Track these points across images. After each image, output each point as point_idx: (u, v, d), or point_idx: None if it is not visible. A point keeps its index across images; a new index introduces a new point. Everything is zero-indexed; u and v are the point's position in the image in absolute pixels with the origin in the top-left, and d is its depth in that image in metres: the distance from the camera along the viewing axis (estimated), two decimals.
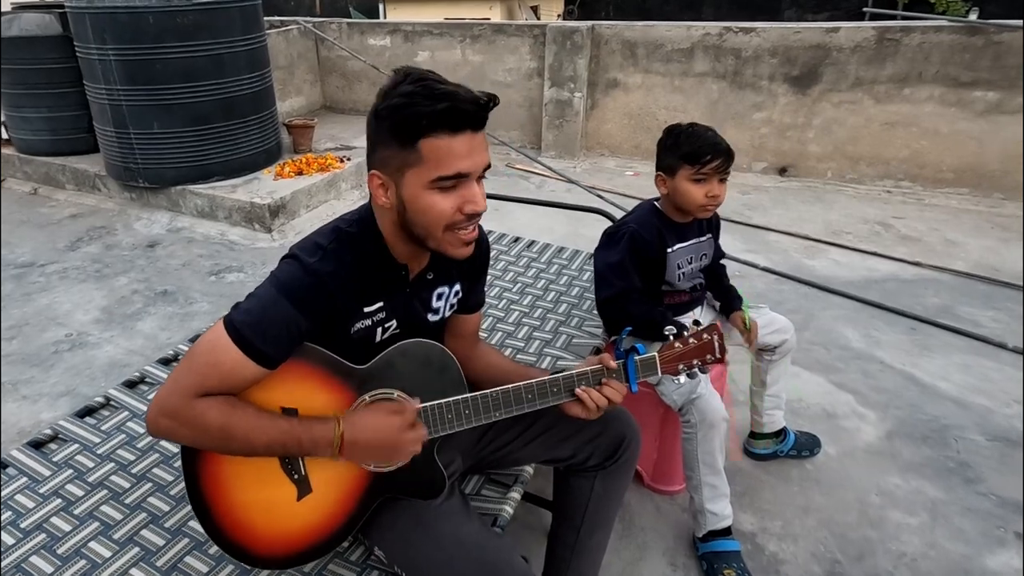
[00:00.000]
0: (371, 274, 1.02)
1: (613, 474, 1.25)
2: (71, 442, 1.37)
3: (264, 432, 0.93)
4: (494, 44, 4.86)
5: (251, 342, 0.92)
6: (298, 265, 0.96)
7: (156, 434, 0.95)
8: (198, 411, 0.92)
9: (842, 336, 2.60)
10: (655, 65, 4.48)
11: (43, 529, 1.16)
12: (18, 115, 4.22)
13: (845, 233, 3.60)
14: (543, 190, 4.37)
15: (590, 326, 1.80)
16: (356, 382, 1.02)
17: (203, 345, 0.94)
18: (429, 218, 0.95)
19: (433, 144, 0.90)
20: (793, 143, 4.34)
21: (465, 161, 0.92)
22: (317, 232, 1.03)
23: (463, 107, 0.89)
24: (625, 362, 1.11)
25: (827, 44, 4.04)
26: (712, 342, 1.17)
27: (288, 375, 0.98)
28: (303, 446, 0.96)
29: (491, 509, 1.21)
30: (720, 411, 1.53)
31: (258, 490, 1.00)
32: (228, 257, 3.39)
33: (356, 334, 1.02)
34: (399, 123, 0.90)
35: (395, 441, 0.97)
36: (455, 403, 1.04)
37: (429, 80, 0.90)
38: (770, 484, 1.87)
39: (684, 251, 1.65)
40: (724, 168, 1.52)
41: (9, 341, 2.64)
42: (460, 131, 0.90)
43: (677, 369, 1.15)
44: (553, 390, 1.08)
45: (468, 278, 1.18)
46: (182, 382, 0.93)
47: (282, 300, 0.94)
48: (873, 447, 2.02)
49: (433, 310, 1.13)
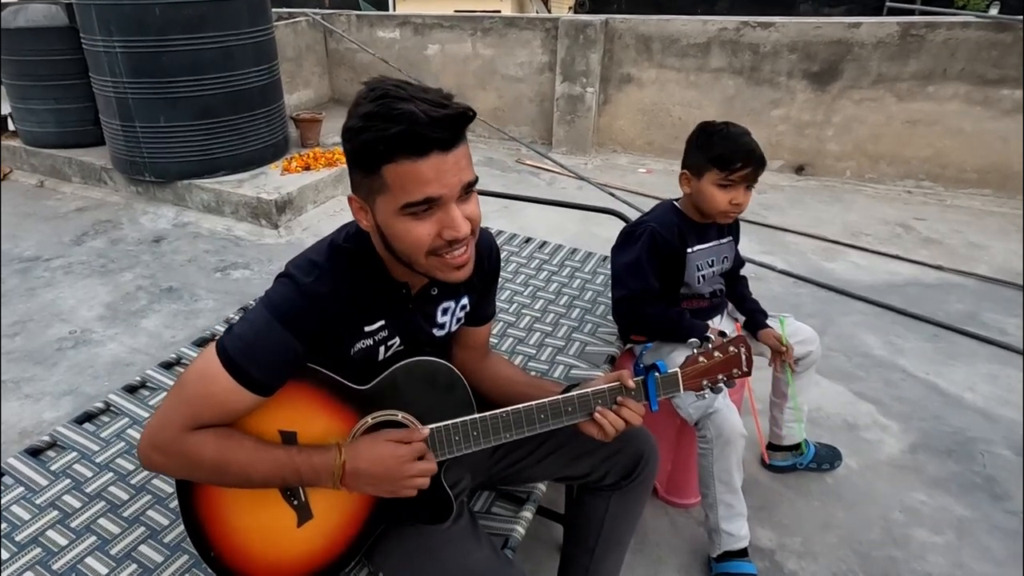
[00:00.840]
0: (371, 292, 0.96)
1: (629, 493, 1.20)
2: (69, 450, 1.33)
3: (261, 465, 0.89)
4: (505, 37, 4.79)
5: (244, 370, 0.87)
6: (292, 286, 0.91)
7: (148, 468, 0.91)
8: (191, 445, 0.87)
9: (863, 343, 2.54)
10: (670, 60, 4.40)
11: (38, 543, 1.12)
12: (24, 107, 4.20)
13: (864, 235, 3.52)
14: (554, 187, 4.31)
15: (604, 333, 1.75)
16: (358, 403, 0.97)
17: (194, 374, 0.90)
18: (407, 245, 0.87)
19: (396, 171, 0.82)
20: (811, 141, 4.26)
21: (434, 185, 0.82)
22: (313, 248, 0.97)
23: (421, 131, 0.79)
24: (645, 379, 1.06)
25: (848, 39, 3.95)
26: (739, 355, 1.11)
27: (287, 397, 0.93)
28: (303, 477, 0.91)
29: (502, 529, 1.17)
30: (738, 427, 1.48)
31: (256, 515, 0.96)
32: (234, 253, 3.35)
33: (357, 354, 0.97)
34: (358, 149, 0.84)
35: (400, 473, 0.92)
36: (463, 424, 0.99)
37: (389, 98, 0.80)
38: (789, 498, 1.82)
39: (704, 253, 1.59)
40: (753, 177, 1.47)
41: (12, 338, 2.62)
42: (424, 154, 0.81)
43: (700, 385, 1.09)
44: (568, 410, 1.02)
45: (476, 290, 1.12)
46: (173, 414, 0.88)
47: (276, 324, 0.89)
48: (896, 460, 1.96)
49: (439, 325, 1.08)
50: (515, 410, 1.00)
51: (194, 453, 0.88)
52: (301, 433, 0.96)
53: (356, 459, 0.92)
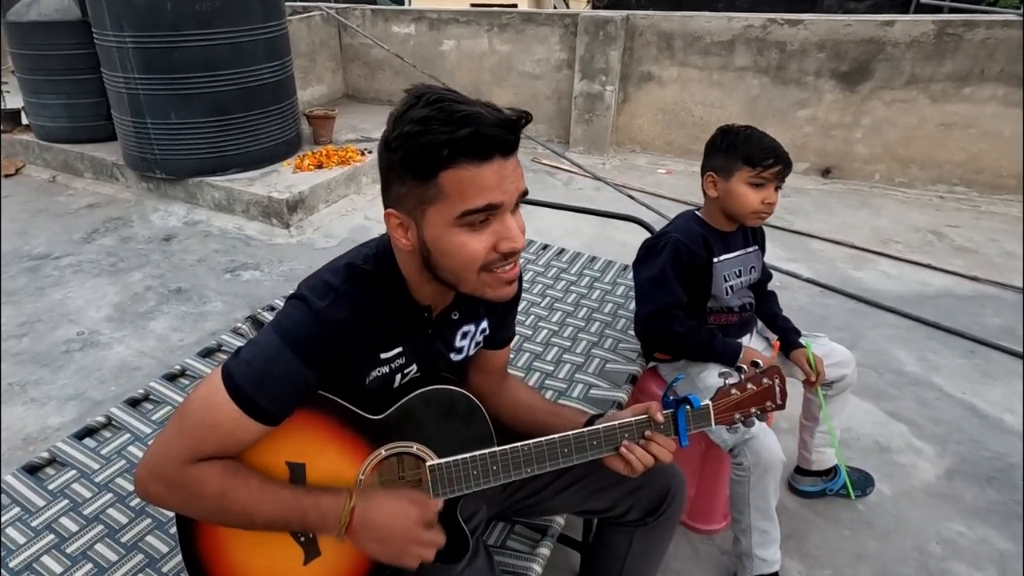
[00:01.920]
0: (390, 318, 0.91)
1: (655, 531, 1.14)
2: (68, 467, 1.30)
3: (266, 506, 0.84)
4: (522, 33, 4.72)
5: (252, 399, 0.82)
6: (306, 311, 0.85)
7: (146, 499, 0.86)
8: (192, 478, 0.83)
9: (895, 359, 2.45)
10: (692, 58, 4.30)
11: (32, 570, 1.08)
12: (37, 101, 4.20)
13: (894, 242, 3.41)
14: (570, 187, 4.23)
15: (625, 349, 1.68)
16: (372, 434, 0.92)
17: (197, 401, 0.85)
18: (458, 261, 0.83)
19: (456, 176, 0.77)
20: (839, 143, 4.14)
21: (495, 192, 0.79)
22: (328, 268, 0.92)
23: (488, 132, 0.76)
24: (675, 413, 0.99)
25: (881, 38, 3.83)
26: (773, 387, 1.06)
27: (296, 426, 0.88)
28: (308, 521, 0.86)
29: (517, 567, 1.11)
30: (776, 452, 1.41)
31: (260, 551, 0.91)
32: (244, 253, 3.32)
33: (372, 383, 0.92)
34: (414, 154, 0.78)
35: (409, 536, 0.86)
36: (480, 458, 0.93)
37: (447, 101, 0.77)
38: (818, 526, 1.74)
39: (731, 263, 1.53)
40: (783, 175, 1.42)
41: (20, 339, 2.60)
42: (487, 159, 0.78)
43: (733, 419, 1.04)
44: (593, 443, 0.97)
45: (497, 314, 1.07)
46: (175, 444, 0.84)
47: (287, 352, 0.83)
48: (932, 487, 1.87)
49: (457, 349, 1.02)
50: (537, 443, 0.95)
51: (196, 487, 0.83)
52: (310, 465, 0.91)
53: (366, 507, 0.86)
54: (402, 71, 5.16)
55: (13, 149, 4.55)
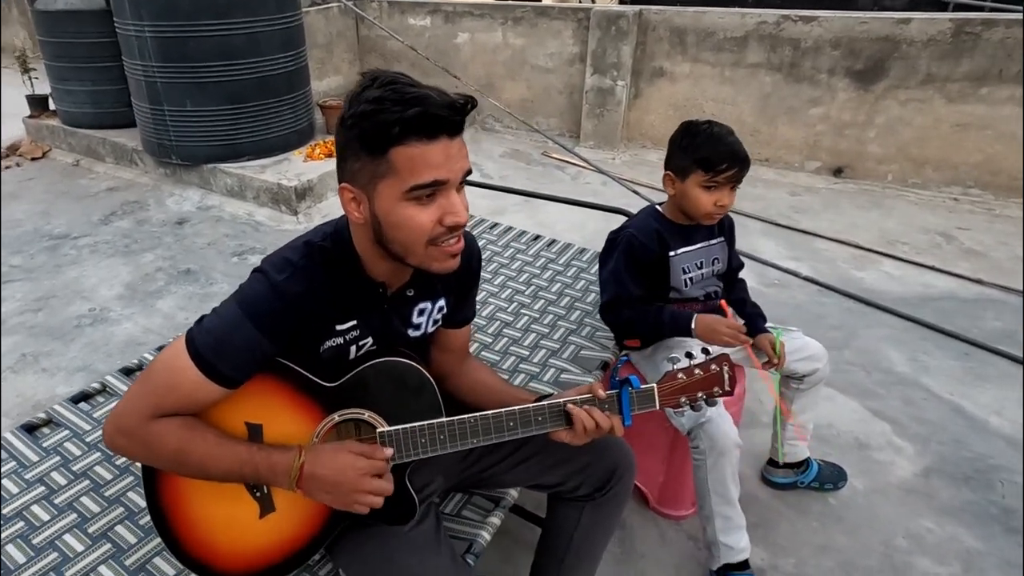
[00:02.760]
0: (345, 293, 0.98)
1: (603, 506, 1.19)
2: (63, 428, 1.40)
3: (221, 460, 0.92)
4: (536, 27, 4.76)
5: (211, 363, 0.90)
6: (266, 284, 0.93)
7: (112, 450, 0.95)
8: (154, 433, 0.90)
9: (885, 358, 2.45)
10: (705, 54, 4.31)
11: (22, 517, 1.18)
12: (63, 88, 4.37)
13: (901, 243, 3.39)
14: (578, 182, 4.27)
15: (602, 337, 1.73)
16: (326, 400, 0.99)
17: (161, 363, 0.93)
18: (407, 233, 0.89)
19: (406, 153, 0.85)
20: (851, 142, 4.11)
21: (442, 169, 0.86)
22: (289, 245, 0.99)
23: (436, 112, 0.84)
24: (618, 394, 1.04)
25: (896, 36, 3.79)
26: (721, 374, 1.09)
27: (255, 389, 0.96)
28: (260, 474, 0.93)
29: (468, 533, 1.18)
30: (731, 436, 1.45)
31: (219, 505, 0.99)
32: (253, 238, 3.44)
33: (326, 352, 0.98)
34: (368, 131, 0.85)
35: (355, 486, 0.93)
36: (428, 428, 1.00)
37: (399, 83, 0.84)
38: (787, 517, 1.78)
39: (690, 255, 1.58)
40: (738, 177, 1.45)
41: (36, 313, 2.75)
42: (434, 137, 0.85)
43: (679, 402, 1.08)
44: (537, 418, 1.02)
45: (454, 292, 1.13)
46: (139, 401, 0.92)
47: (245, 321, 0.91)
48: (907, 484, 1.89)
49: (414, 326, 1.09)
50: (483, 416, 1.01)
51: (156, 441, 0.91)
52: (267, 426, 0.98)
53: (315, 463, 0.93)
54: (417, 63, 5.23)
55: (40, 134, 4.74)
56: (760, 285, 2.97)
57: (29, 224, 3.57)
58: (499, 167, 4.51)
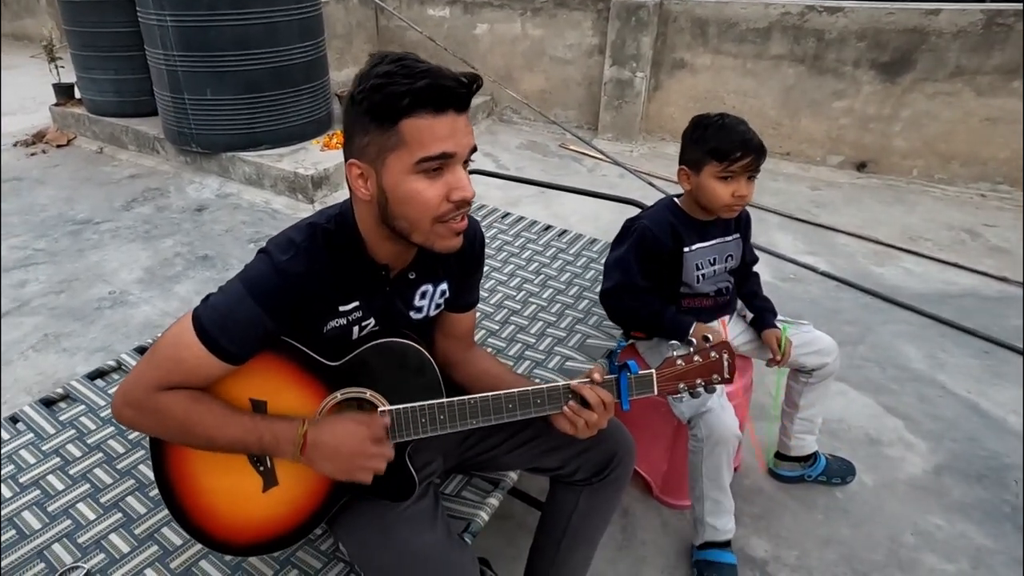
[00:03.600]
0: (347, 274, 1.00)
1: (600, 491, 1.21)
2: (79, 403, 1.45)
3: (226, 430, 0.95)
4: (555, 18, 4.76)
5: (215, 339, 0.93)
6: (269, 263, 0.95)
7: (120, 422, 0.98)
8: (161, 404, 0.94)
9: (901, 354, 2.43)
10: (726, 45, 4.27)
11: (39, 486, 1.24)
12: (87, 76, 4.48)
13: (924, 239, 3.34)
14: (594, 174, 4.27)
15: (609, 327, 1.75)
16: (329, 379, 1.02)
17: (168, 338, 0.96)
18: (414, 208, 0.91)
19: (415, 124, 0.87)
20: (876, 136, 4.05)
21: (449, 142, 0.89)
22: (294, 226, 1.02)
23: (445, 84, 0.86)
24: (617, 378, 1.06)
25: (925, 28, 3.72)
26: (720, 361, 1.09)
27: (260, 367, 0.99)
28: (264, 444, 0.96)
29: (466, 513, 1.20)
30: (731, 428, 1.46)
31: (223, 477, 1.03)
32: (269, 225, 3.50)
33: (329, 332, 1.01)
34: (378, 104, 0.87)
35: (358, 451, 0.96)
36: (429, 408, 1.02)
37: (408, 59, 0.87)
38: (792, 510, 1.78)
39: (704, 251, 1.57)
40: (754, 166, 1.44)
41: (58, 295, 2.84)
42: (443, 111, 0.88)
43: (677, 388, 1.08)
44: (536, 401, 1.04)
45: (457, 276, 1.14)
46: (146, 374, 0.95)
47: (248, 299, 0.93)
48: (917, 481, 1.88)
49: (416, 308, 1.11)
50: (483, 397, 1.03)
51: (163, 412, 0.95)
52: (271, 402, 1.02)
53: (318, 432, 0.96)
54: (436, 54, 5.25)
55: (66, 121, 4.87)
56: (775, 279, 2.95)
57: (54, 209, 3.67)
58: (515, 158, 4.52)
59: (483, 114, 5.25)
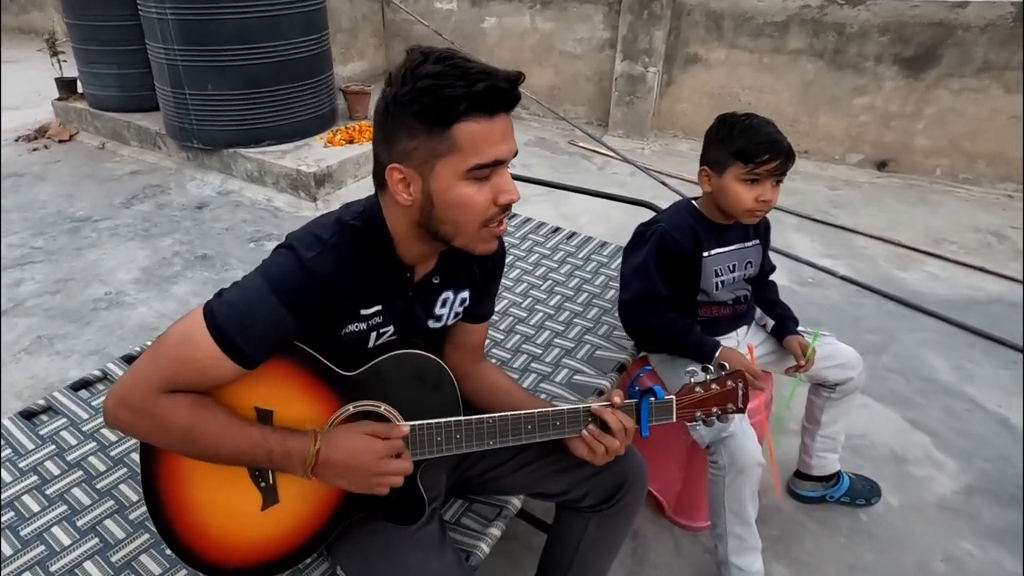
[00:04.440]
0: (373, 274, 0.95)
1: (610, 518, 1.14)
2: (60, 415, 1.39)
3: (232, 441, 0.87)
4: (565, 11, 4.66)
5: (231, 338, 0.85)
6: (294, 259, 0.89)
7: (113, 426, 0.89)
8: (163, 408, 0.86)
9: (927, 365, 2.33)
10: (742, 40, 4.16)
11: (13, 507, 1.17)
12: (90, 71, 4.43)
13: (949, 242, 3.23)
14: (604, 172, 4.18)
15: (619, 337, 1.67)
16: (342, 389, 0.95)
17: (177, 335, 0.87)
18: (463, 213, 0.88)
19: (469, 129, 0.83)
20: (898, 134, 3.93)
21: (501, 146, 0.87)
22: (317, 222, 0.95)
23: (501, 86, 0.83)
24: (638, 403, 1.02)
25: (951, 21, 3.60)
26: (735, 390, 1.07)
27: (268, 373, 0.91)
28: (273, 459, 0.89)
29: (466, 544, 1.13)
30: (754, 455, 1.37)
31: (219, 492, 0.95)
32: (271, 224, 3.44)
33: (347, 336, 0.95)
34: (429, 107, 0.82)
35: (374, 468, 0.90)
36: (447, 425, 0.96)
37: (457, 58, 0.83)
38: (812, 532, 1.69)
39: (724, 257, 1.48)
40: (782, 171, 1.35)
41: (54, 295, 2.79)
42: (496, 114, 0.85)
43: (694, 416, 1.07)
44: (556, 423, 0.99)
45: (477, 286, 1.09)
46: (150, 374, 0.86)
47: (271, 297, 0.87)
48: (947, 502, 1.79)
49: (435, 317, 1.05)
50: (502, 417, 0.98)
51: (165, 417, 0.86)
52: (278, 412, 0.94)
53: (331, 448, 0.89)
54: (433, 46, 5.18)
55: (69, 116, 4.83)
56: (793, 284, 2.85)
57: (53, 206, 3.63)
58: (523, 155, 4.42)
59: None
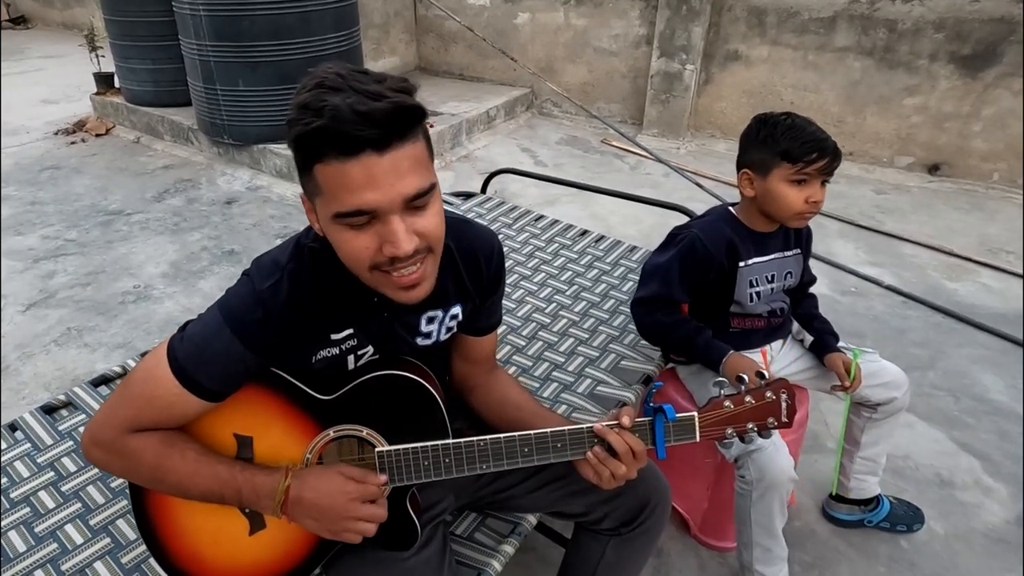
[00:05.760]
0: (337, 298, 0.89)
1: (630, 542, 1.10)
2: (80, 411, 1.41)
3: (200, 479, 0.87)
4: (600, 7, 4.60)
5: (191, 375, 0.85)
6: (250, 290, 0.86)
7: (89, 462, 0.91)
8: (131, 448, 0.87)
9: (978, 383, 2.22)
10: (786, 36, 4.04)
11: (28, 503, 1.19)
12: (126, 66, 4.55)
13: (1005, 252, 3.08)
14: (637, 172, 4.11)
15: (646, 347, 1.62)
16: (321, 414, 0.93)
17: (141, 373, 0.88)
18: (345, 257, 0.81)
19: (325, 172, 0.74)
20: (952, 136, 3.78)
21: (365, 193, 0.73)
22: (281, 245, 0.92)
23: (342, 128, 0.70)
24: (652, 422, 0.93)
25: (1014, 17, 3.44)
26: (778, 402, 0.95)
27: (245, 399, 0.91)
28: (243, 498, 0.88)
29: (477, 561, 1.10)
30: (785, 470, 1.32)
31: (208, 518, 0.95)
32: (297, 220, 3.47)
33: (319, 363, 0.92)
34: (292, 143, 0.76)
35: (344, 512, 0.87)
36: (432, 449, 0.92)
37: (323, 88, 0.72)
38: (849, 559, 1.62)
39: (762, 267, 1.43)
40: (829, 169, 1.30)
41: (85, 287, 2.86)
42: (354, 154, 0.71)
43: (724, 433, 0.95)
44: (556, 445, 0.93)
45: (471, 300, 1.02)
46: (117, 413, 0.88)
47: (226, 331, 0.85)
48: (996, 532, 1.69)
49: (423, 334, 1.00)
50: (494, 439, 0.92)
51: (133, 457, 0.87)
52: (257, 439, 0.93)
53: (301, 487, 0.87)
54: (475, 45, 5.17)
55: (106, 110, 4.96)
56: (834, 292, 2.75)
57: (88, 199, 3.73)
58: (554, 154, 4.39)
59: (522, 107, 5.14)
